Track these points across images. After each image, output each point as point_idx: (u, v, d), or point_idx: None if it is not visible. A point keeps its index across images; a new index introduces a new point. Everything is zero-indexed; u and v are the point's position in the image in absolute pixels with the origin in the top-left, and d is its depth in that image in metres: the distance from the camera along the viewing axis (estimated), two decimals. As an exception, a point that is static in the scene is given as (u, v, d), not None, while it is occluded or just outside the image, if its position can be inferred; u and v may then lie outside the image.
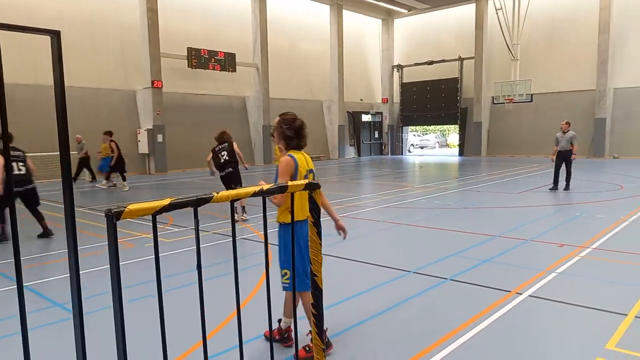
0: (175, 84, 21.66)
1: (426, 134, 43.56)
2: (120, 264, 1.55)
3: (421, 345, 3.63)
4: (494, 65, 28.06)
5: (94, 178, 17.13)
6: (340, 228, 3.64)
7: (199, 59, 21.66)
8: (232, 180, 9.03)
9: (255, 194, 1.84)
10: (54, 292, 5.07)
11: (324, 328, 3.68)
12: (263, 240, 2.10)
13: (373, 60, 32.81)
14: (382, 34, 32.69)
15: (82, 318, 1.48)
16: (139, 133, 20.46)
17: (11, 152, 7.57)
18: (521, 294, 4.71)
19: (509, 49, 25.70)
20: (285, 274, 3.48)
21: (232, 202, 1.80)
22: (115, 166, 14.64)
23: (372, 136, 32.38)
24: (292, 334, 3.65)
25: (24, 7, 17.18)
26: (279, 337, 3.69)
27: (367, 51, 32.45)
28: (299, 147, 3.57)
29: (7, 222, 7.80)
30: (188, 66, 21.48)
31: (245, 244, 7.24)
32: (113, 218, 1.49)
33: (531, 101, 25.50)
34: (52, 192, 13.36)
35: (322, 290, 2.18)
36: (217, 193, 1.74)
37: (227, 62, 22.74)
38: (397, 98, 32.48)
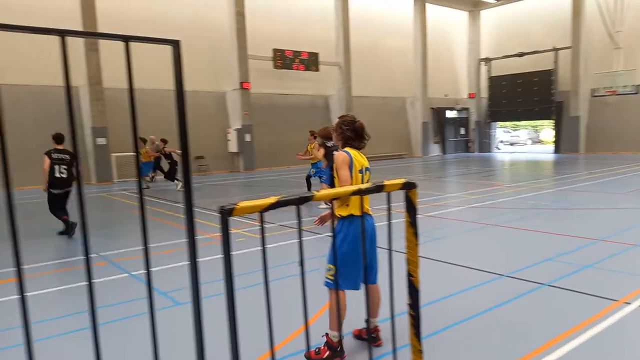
0: (262, 85, 22.45)
1: (516, 130, 41.32)
2: (213, 257, 1.66)
3: (515, 354, 3.47)
4: (593, 55, 25.93)
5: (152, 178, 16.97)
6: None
7: (283, 59, 22.28)
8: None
9: (353, 193, 1.88)
10: (160, 282, 5.48)
11: (376, 327, 3.66)
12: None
13: (459, 54, 31.72)
14: (468, 26, 31.49)
15: (200, 305, 1.60)
16: (229, 132, 21.48)
17: (56, 154, 7.97)
18: (630, 303, 4.34)
19: (610, 36, 23.63)
20: (330, 269, 3.48)
21: (332, 200, 1.85)
22: (171, 170, 15.09)
23: (457, 133, 31.34)
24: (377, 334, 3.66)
25: (117, 15, 18.56)
26: (367, 336, 3.71)
27: (452, 45, 31.43)
28: (357, 148, 3.62)
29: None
30: (274, 67, 22.17)
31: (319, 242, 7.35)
32: (226, 214, 1.60)
33: (636, 93, 23.27)
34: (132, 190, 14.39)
35: (419, 291, 2.16)
36: (317, 192, 1.79)
37: (311, 62, 23.17)
38: (484, 93, 31.15)
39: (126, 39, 1.36)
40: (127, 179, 18.14)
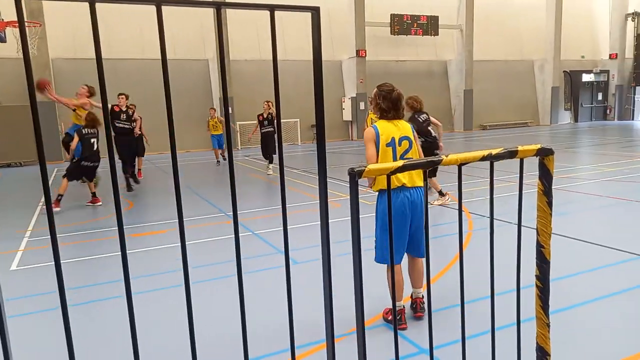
0: (378, 52, 22.18)
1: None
2: (331, 221, 1.75)
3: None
4: None
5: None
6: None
7: (401, 25, 21.70)
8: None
9: (483, 158, 1.84)
10: (277, 241, 5.87)
11: (419, 298, 3.62)
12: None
13: (599, 9, 28.12)
14: (614, -24, 27.70)
15: (330, 261, 1.72)
16: (344, 101, 21.70)
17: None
18: None
19: None
20: (375, 241, 3.50)
21: (460, 166, 1.83)
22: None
23: (593, 99, 28.17)
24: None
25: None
26: (411, 307, 3.70)
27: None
28: (395, 118, 3.50)
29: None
30: (390, 33, 21.72)
31: (445, 211, 7.21)
32: (355, 176, 1.67)
33: None
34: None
35: (549, 262, 2.07)
36: (447, 156, 1.79)
37: (430, 26, 22.26)
38: (629, 53, 27.41)
39: (271, 8, 1.46)
40: (249, 145, 19.34)
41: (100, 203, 8.45)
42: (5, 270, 5.25)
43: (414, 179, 3.38)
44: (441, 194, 7.62)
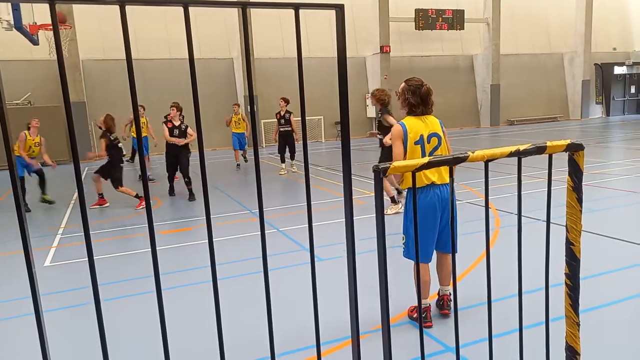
0: (402, 48, 21.97)
1: None
2: (355, 218, 1.75)
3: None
4: None
5: None
6: None
7: (426, 19, 21.44)
8: None
9: (511, 154, 1.81)
10: (302, 238, 5.90)
11: (445, 295, 3.59)
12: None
13: (633, -1, 27.20)
14: (648, -35, 26.72)
15: (355, 258, 1.72)
16: (368, 98, 21.59)
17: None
18: None
19: None
20: (402, 238, 3.48)
21: (487, 162, 1.81)
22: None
23: (626, 92, 27.27)
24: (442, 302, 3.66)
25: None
26: (437, 305, 3.71)
27: (626, -11, 27.04)
28: (423, 114, 3.41)
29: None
30: (415, 28, 21.48)
31: (472, 208, 7.11)
32: (380, 174, 1.67)
33: None
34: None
35: (579, 260, 2.03)
36: (473, 152, 1.77)
37: (455, 20, 21.92)
38: (665, 43, 26.45)
39: (296, 7, 1.47)
40: (272, 144, 19.43)
41: (108, 204, 8.61)
42: (39, 266, 5.43)
43: (444, 176, 3.34)
44: (393, 200, 6.89)
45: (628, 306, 3.66)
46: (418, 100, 3.39)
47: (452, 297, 3.57)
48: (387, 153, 6.53)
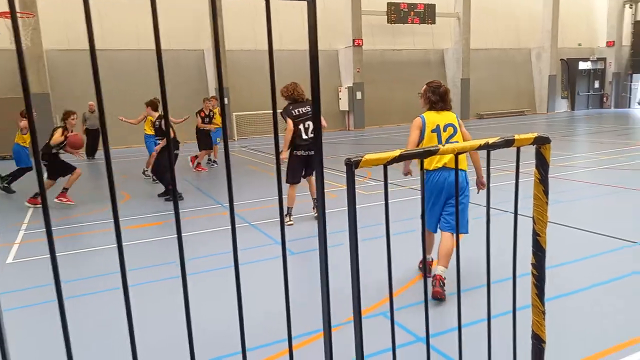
0: (374, 41, 22.03)
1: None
2: (328, 211, 1.75)
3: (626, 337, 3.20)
4: None
5: None
6: (481, 184, 4.23)
7: (398, 13, 21.54)
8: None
9: (480, 148, 1.84)
10: (274, 232, 5.87)
11: (438, 275, 3.77)
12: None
13: (597, -4, 28.00)
14: (611, -37, 27.52)
15: (327, 252, 1.72)
16: (340, 91, 21.61)
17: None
18: None
19: None
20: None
21: (457, 155, 1.83)
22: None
23: (590, 87, 28.13)
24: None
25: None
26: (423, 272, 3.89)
27: (590, -14, 27.80)
28: (442, 109, 4.06)
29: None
30: (387, 22, 21.55)
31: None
32: (352, 166, 1.67)
33: None
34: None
35: (545, 251, 2.08)
36: (443, 146, 1.79)
37: (427, 14, 22.11)
38: (626, 40, 27.34)
39: (266, -2, 1.44)
40: (246, 136, 19.27)
41: (74, 202, 8.18)
42: (1, 263, 5.25)
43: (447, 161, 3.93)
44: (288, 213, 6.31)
45: (591, 294, 3.79)
46: (437, 97, 4.06)
47: (445, 279, 3.80)
48: None
